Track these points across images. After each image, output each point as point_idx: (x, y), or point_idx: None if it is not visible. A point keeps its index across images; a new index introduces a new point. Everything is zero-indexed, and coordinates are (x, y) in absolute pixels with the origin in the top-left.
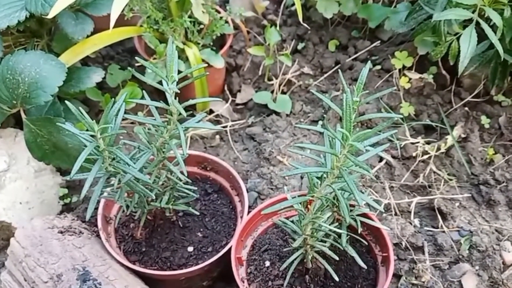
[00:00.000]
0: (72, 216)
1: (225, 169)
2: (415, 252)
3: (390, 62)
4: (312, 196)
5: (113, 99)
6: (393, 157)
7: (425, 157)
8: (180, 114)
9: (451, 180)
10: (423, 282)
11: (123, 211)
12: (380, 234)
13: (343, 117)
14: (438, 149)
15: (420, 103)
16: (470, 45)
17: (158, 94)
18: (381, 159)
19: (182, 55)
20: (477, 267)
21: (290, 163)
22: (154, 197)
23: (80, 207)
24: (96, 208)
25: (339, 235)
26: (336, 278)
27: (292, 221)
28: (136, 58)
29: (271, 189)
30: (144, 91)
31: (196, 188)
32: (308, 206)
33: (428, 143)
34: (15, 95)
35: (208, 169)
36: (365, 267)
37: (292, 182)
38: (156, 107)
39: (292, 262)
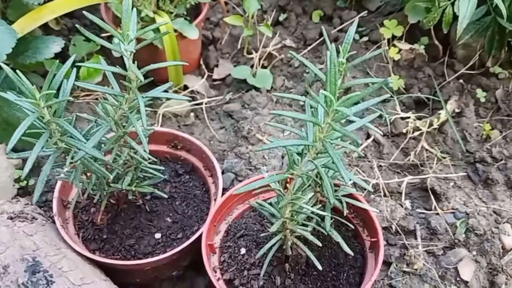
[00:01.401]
0: (26, 200)
1: (198, 148)
2: (406, 237)
3: (378, 32)
4: (292, 174)
5: (57, 61)
6: (382, 134)
7: (416, 133)
8: (140, 81)
9: (444, 158)
10: (416, 269)
11: (81, 194)
12: (368, 217)
13: (327, 79)
14: (431, 125)
15: (411, 76)
16: (469, 4)
17: None
18: (368, 136)
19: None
20: (474, 253)
21: (268, 139)
22: (111, 177)
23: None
24: (51, 192)
25: (322, 218)
26: (319, 267)
27: (270, 204)
28: (85, 13)
29: (250, 169)
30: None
31: (163, 168)
32: (288, 185)
33: (419, 118)
34: None
35: (179, 147)
36: (352, 253)
37: (272, 162)
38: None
39: (270, 248)
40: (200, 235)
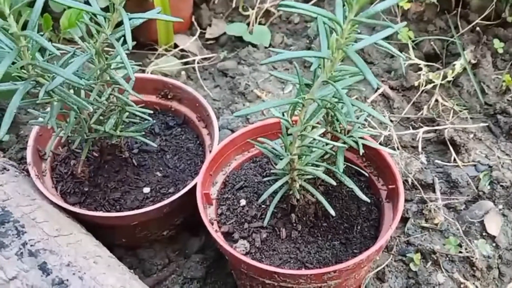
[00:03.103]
0: None
1: (191, 96)
2: (424, 191)
3: None
4: (303, 99)
5: None
6: (391, 88)
7: (429, 86)
8: None
9: (461, 111)
10: (436, 224)
11: (66, 145)
12: (384, 163)
13: None
14: (445, 77)
15: (420, 30)
16: None
17: None
18: (377, 89)
19: None
20: (500, 206)
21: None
22: (91, 109)
23: (13, 148)
24: (25, 140)
25: (333, 162)
26: (332, 212)
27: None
28: None
29: (246, 127)
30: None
31: (151, 112)
32: (296, 119)
33: (431, 71)
34: None
35: (169, 97)
36: (368, 200)
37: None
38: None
39: (274, 194)
40: (194, 187)
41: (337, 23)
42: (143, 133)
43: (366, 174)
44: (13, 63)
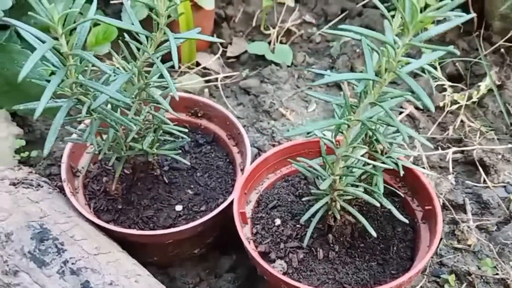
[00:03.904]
0: (30, 169)
1: (221, 114)
2: (455, 211)
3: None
4: (349, 120)
5: None
6: (416, 108)
7: (454, 107)
8: (169, 16)
9: (487, 132)
10: (469, 245)
11: (100, 160)
12: (419, 184)
13: None
14: (469, 98)
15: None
16: None
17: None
18: (401, 111)
19: None
20: None
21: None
22: (134, 128)
23: (41, 164)
24: (56, 165)
25: (369, 182)
26: (374, 233)
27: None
28: None
29: (273, 145)
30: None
31: (187, 130)
32: (338, 140)
33: (456, 92)
34: None
35: (199, 115)
36: (406, 221)
37: (297, 138)
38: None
39: (315, 214)
40: (228, 205)
41: (391, 46)
42: (180, 151)
43: (401, 195)
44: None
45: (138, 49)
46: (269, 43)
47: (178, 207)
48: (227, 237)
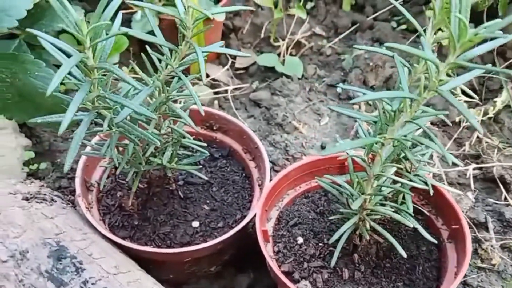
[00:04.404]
0: (41, 182)
1: (237, 128)
2: (477, 230)
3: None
4: (384, 138)
5: None
6: (432, 123)
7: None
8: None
9: (505, 148)
10: (493, 265)
11: (113, 174)
12: (444, 202)
13: None
14: (485, 113)
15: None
16: None
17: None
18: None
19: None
20: None
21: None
22: (158, 144)
23: (50, 177)
24: (66, 178)
25: (394, 200)
26: (404, 255)
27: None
28: None
29: (287, 159)
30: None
31: (206, 145)
32: (370, 157)
33: (471, 107)
34: None
35: (214, 128)
36: (435, 241)
37: (311, 152)
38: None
39: (342, 234)
40: (247, 223)
41: (435, 65)
42: (200, 166)
43: (426, 213)
44: None
45: (160, 61)
46: (278, 55)
47: (195, 223)
48: (243, 254)
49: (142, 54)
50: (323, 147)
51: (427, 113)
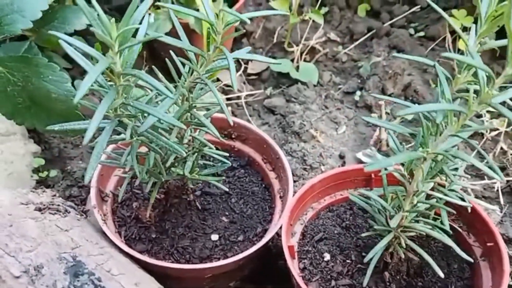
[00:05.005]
0: (52, 191)
1: (257, 137)
2: (507, 246)
3: (435, 28)
4: (427, 153)
5: None
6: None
7: (493, 134)
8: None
9: None
10: None
11: (129, 184)
12: (477, 218)
13: None
14: (509, 124)
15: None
16: None
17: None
18: None
19: (191, 7)
20: None
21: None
22: (184, 154)
23: (60, 185)
24: (77, 186)
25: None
26: (441, 275)
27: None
28: None
29: (305, 169)
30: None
31: (227, 155)
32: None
33: (493, 117)
34: None
35: (233, 137)
36: (471, 260)
37: (330, 161)
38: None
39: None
40: (271, 238)
41: (491, 77)
42: (223, 177)
43: (457, 229)
44: None
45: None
46: (292, 60)
47: (214, 236)
48: (262, 269)
49: (166, 59)
50: (341, 157)
51: (471, 127)
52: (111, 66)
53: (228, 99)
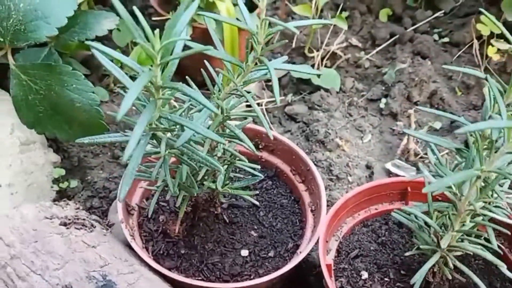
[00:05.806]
0: (76, 204)
1: (286, 147)
2: None
3: (459, 34)
4: (482, 171)
5: None
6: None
7: None
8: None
9: None
10: None
11: (150, 198)
12: None
13: None
14: None
15: (504, 82)
16: None
17: None
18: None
19: (212, 11)
20: None
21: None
22: (222, 170)
23: (80, 195)
24: (97, 197)
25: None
26: None
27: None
28: None
29: (331, 179)
30: None
31: (259, 167)
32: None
33: None
34: (3, 28)
35: (260, 147)
36: None
37: (356, 172)
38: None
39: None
40: (307, 254)
41: None
42: (257, 192)
43: (500, 247)
44: None
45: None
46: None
47: (244, 252)
48: (292, 285)
49: (201, 70)
50: (368, 167)
51: None
52: (151, 79)
53: (248, 105)
